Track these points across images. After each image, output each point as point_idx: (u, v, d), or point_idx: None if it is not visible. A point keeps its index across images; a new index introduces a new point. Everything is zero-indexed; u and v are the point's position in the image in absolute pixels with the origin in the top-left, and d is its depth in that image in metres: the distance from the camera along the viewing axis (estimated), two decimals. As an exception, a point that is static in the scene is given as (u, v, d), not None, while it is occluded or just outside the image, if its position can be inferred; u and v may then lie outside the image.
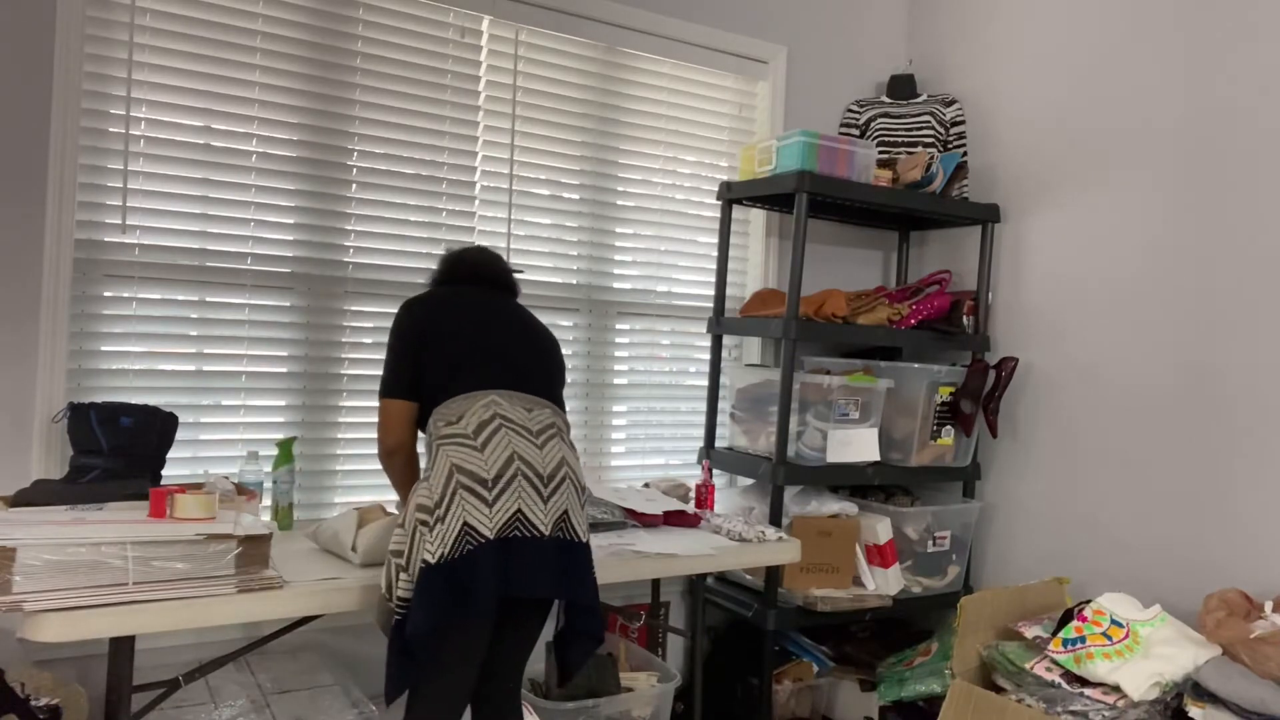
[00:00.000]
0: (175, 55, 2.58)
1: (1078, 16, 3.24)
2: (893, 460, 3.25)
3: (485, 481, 1.94)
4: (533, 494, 1.97)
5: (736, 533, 2.66)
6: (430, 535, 1.90)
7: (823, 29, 3.65)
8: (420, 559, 1.89)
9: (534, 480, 1.99)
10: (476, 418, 2.01)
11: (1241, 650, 2.32)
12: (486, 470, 1.95)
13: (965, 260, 3.59)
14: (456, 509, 1.91)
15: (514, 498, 1.95)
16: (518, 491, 1.96)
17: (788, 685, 3.18)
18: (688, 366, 3.48)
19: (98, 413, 2.28)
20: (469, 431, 1.99)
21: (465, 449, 1.97)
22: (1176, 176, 2.93)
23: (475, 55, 3.01)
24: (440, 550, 1.88)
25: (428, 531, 1.90)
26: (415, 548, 1.91)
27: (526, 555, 1.94)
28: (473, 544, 1.89)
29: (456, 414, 2.02)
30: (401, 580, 1.91)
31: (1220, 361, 2.80)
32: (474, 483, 1.93)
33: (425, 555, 1.88)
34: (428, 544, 1.89)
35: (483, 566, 1.88)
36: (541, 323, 2.30)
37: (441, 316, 2.16)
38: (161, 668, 2.15)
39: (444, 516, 1.91)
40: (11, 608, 1.70)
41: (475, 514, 1.91)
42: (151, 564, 1.84)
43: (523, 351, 2.18)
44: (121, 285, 2.55)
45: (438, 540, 1.89)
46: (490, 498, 1.93)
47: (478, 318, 2.18)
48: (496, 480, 1.95)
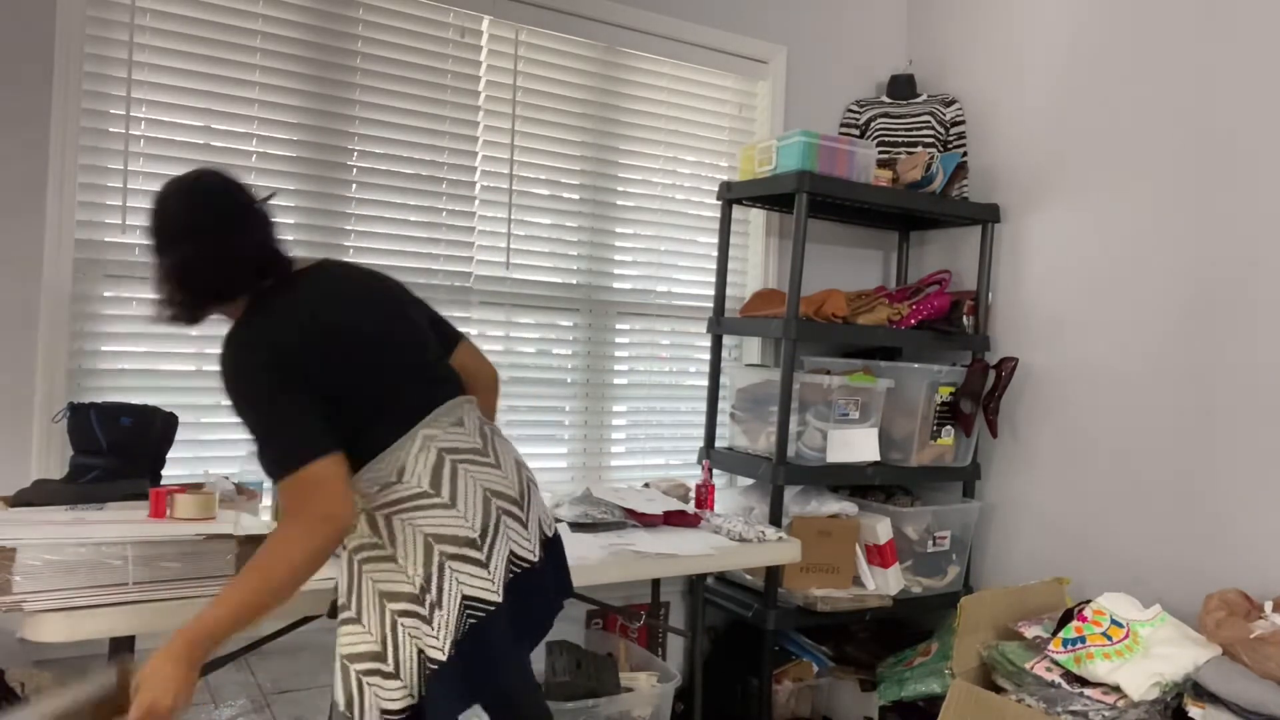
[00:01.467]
0: (175, 55, 2.58)
1: (1078, 16, 3.24)
2: (893, 460, 3.25)
3: (473, 542, 1.65)
4: (517, 526, 1.75)
5: (736, 533, 2.66)
6: (430, 627, 1.61)
7: (823, 29, 3.65)
8: (429, 660, 1.60)
9: (513, 511, 1.75)
10: (423, 464, 1.66)
11: (1241, 650, 2.32)
12: (471, 528, 1.66)
13: (965, 260, 3.59)
14: (451, 585, 1.62)
15: (505, 543, 1.71)
16: (505, 535, 1.71)
17: (788, 685, 3.18)
18: (688, 366, 3.48)
19: (98, 413, 2.28)
20: (425, 487, 1.65)
21: (434, 511, 1.64)
22: (1176, 176, 2.93)
23: (475, 55, 3.01)
24: (449, 639, 1.61)
25: (423, 624, 1.61)
26: (402, 647, 1.61)
27: (532, 592, 1.75)
28: (478, 615, 1.65)
29: (393, 470, 1.66)
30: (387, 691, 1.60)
31: (1220, 361, 2.80)
32: (461, 547, 1.64)
33: (433, 654, 1.60)
34: (430, 639, 1.61)
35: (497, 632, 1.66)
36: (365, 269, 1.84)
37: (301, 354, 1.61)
38: (161, 668, 2.14)
39: (439, 600, 1.61)
40: (11, 608, 1.70)
41: (473, 582, 1.64)
42: (151, 564, 1.84)
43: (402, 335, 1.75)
44: (121, 285, 2.55)
45: (441, 629, 1.61)
46: (484, 557, 1.66)
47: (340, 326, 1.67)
48: (484, 534, 1.67)
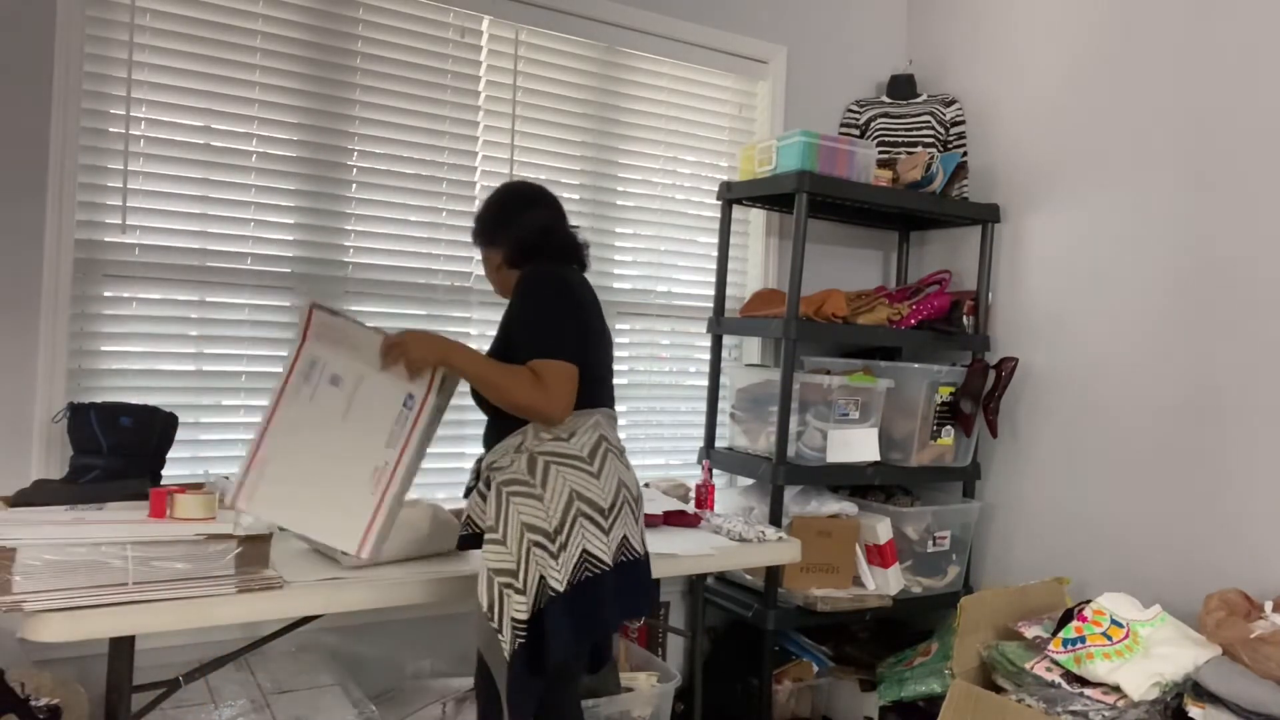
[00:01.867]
0: (175, 55, 2.58)
1: (1077, 16, 3.24)
2: (893, 460, 3.25)
3: (603, 510, 1.95)
4: (633, 518, 2.03)
5: (736, 533, 2.66)
6: (555, 562, 1.88)
7: (823, 29, 3.65)
8: (548, 585, 1.87)
9: (633, 504, 2.04)
10: (588, 438, 1.99)
11: (1241, 650, 2.32)
12: (604, 498, 1.96)
13: (965, 260, 3.59)
14: (577, 536, 1.91)
15: (622, 524, 1.99)
16: (624, 518, 2.00)
17: (788, 685, 3.18)
18: (688, 366, 3.48)
19: (98, 413, 2.29)
20: (584, 454, 1.97)
21: (583, 473, 1.95)
22: (1176, 176, 2.93)
23: (475, 55, 3.00)
24: (566, 577, 1.89)
25: (550, 558, 1.88)
26: (530, 569, 1.88)
27: (634, 579, 2.01)
28: (593, 571, 1.92)
29: (566, 430, 1.98)
30: (517, 602, 1.86)
31: (1220, 361, 2.80)
32: (593, 511, 1.94)
33: (553, 583, 1.87)
34: (553, 570, 1.88)
35: (605, 593, 1.93)
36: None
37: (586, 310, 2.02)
38: (161, 668, 2.14)
39: (566, 544, 1.90)
40: (11, 608, 1.70)
41: (594, 541, 1.93)
42: (151, 564, 1.84)
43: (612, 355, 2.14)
44: (121, 285, 2.55)
45: (563, 568, 1.89)
46: (606, 525, 1.95)
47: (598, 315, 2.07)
48: (611, 509, 1.97)
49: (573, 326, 1.96)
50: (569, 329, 1.95)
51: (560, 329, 1.94)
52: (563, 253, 2.11)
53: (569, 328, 1.95)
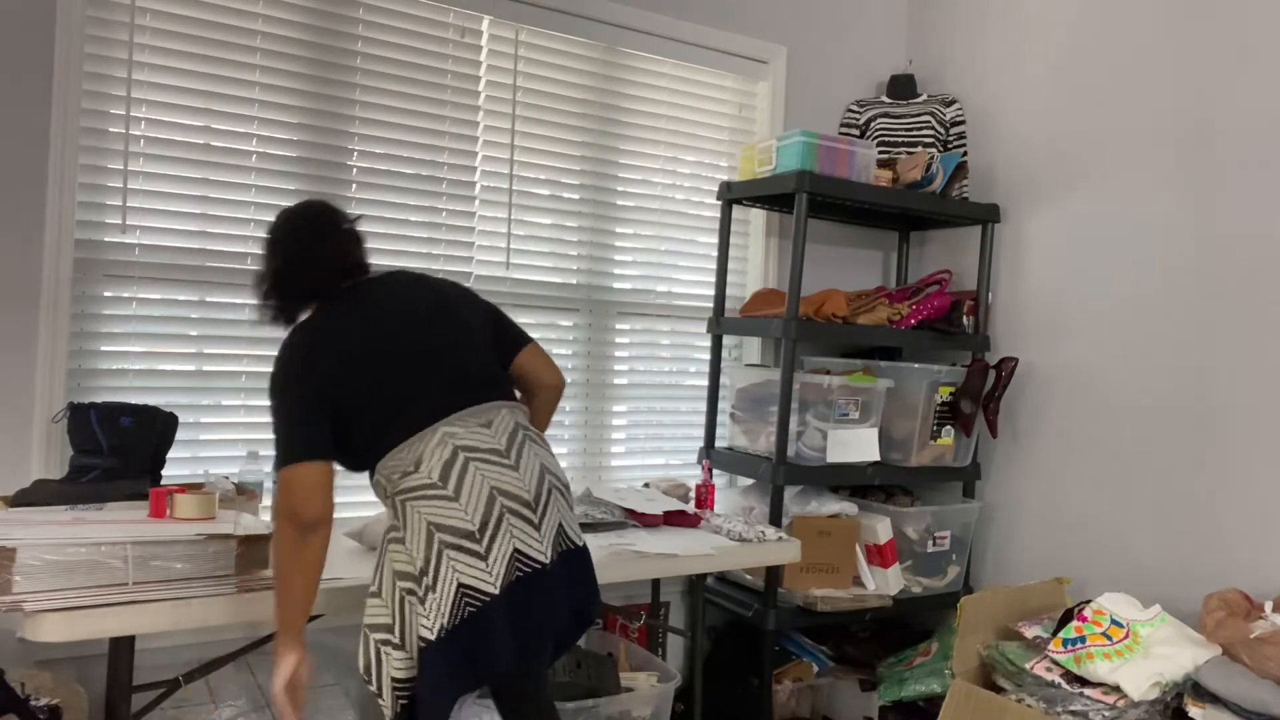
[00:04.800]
0: (175, 55, 2.58)
1: (1077, 16, 3.24)
2: (893, 460, 3.25)
3: (470, 534, 1.74)
4: (524, 526, 1.80)
5: (736, 533, 2.66)
6: (423, 607, 1.71)
7: (823, 29, 3.65)
8: (417, 636, 1.71)
9: (521, 511, 1.80)
10: (436, 459, 1.78)
11: (1241, 650, 2.32)
12: (468, 520, 1.75)
13: (965, 260, 3.59)
14: (446, 572, 1.71)
15: (507, 539, 1.77)
16: (509, 531, 1.77)
17: (788, 685, 3.18)
18: (688, 366, 3.48)
19: (98, 413, 2.28)
20: (434, 479, 1.77)
21: (436, 501, 1.75)
22: (1176, 176, 2.93)
23: (475, 55, 3.00)
24: (439, 622, 1.70)
25: (419, 603, 1.71)
26: (406, 621, 1.74)
27: (537, 593, 1.79)
28: (475, 604, 1.72)
29: (411, 460, 1.79)
30: (396, 660, 1.74)
31: (1220, 361, 2.80)
32: (459, 538, 1.73)
33: (423, 633, 1.70)
34: (422, 618, 1.70)
35: (495, 625, 1.72)
36: (434, 279, 2.02)
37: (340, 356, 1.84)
38: (161, 668, 2.14)
39: (434, 584, 1.71)
40: (11, 608, 1.70)
41: (469, 572, 1.72)
42: (151, 564, 1.84)
43: (444, 345, 1.90)
44: (121, 285, 2.55)
45: (433, 611, 1.70)
46: (482, 549, 1.74)
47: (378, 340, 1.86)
48: (484, 528, 1.75)
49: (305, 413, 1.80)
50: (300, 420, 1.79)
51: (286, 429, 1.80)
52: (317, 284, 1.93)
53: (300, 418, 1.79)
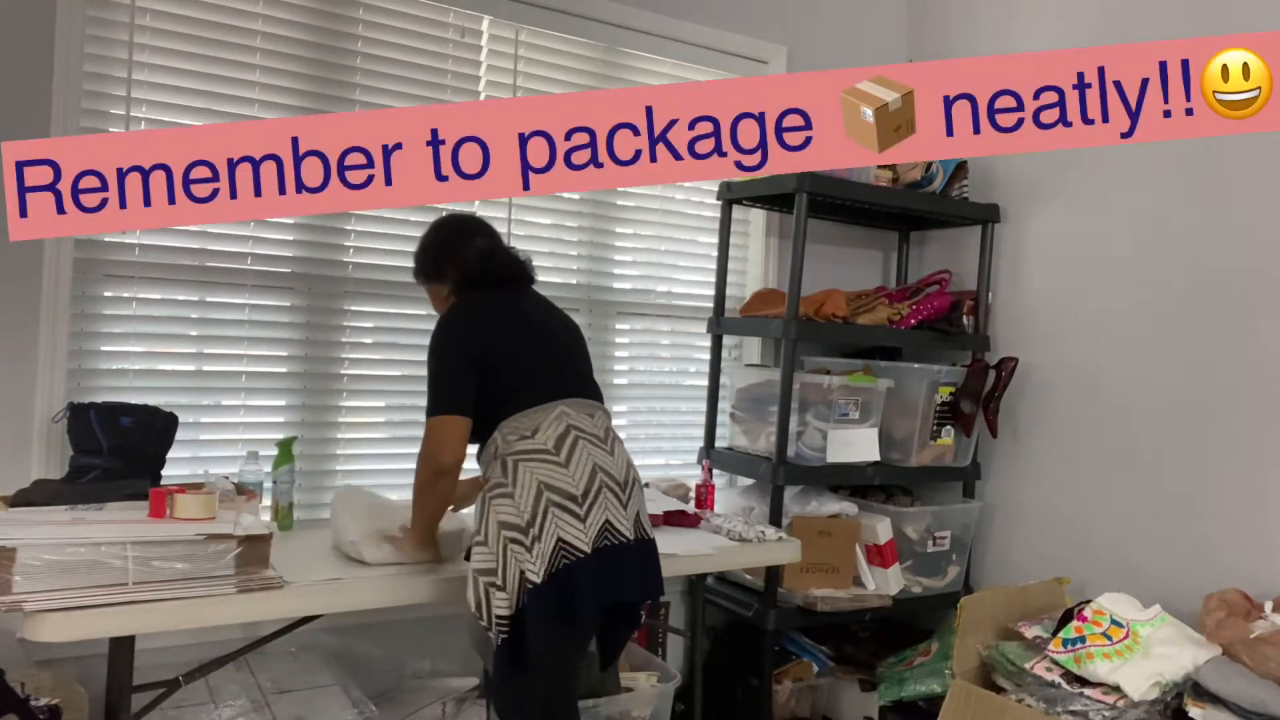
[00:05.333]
0: (175, 55, 2.58)
1: (1076, 16, 3.24)
2: (893, 460, 3.25)
3: (575, 498, 1.98)
4: (616, 503, 2.04)
5: (736, 533, 2.66)
6: (529, 555, 1.93)
7: (823, 29, 3.64)
8: (526, 579, 1.93)
9: (614, 489, 2.05)
10: (553, 431, 2.03)
11: (1241, 650, 2.32)
12: (575, 486, 1.99)
13: (965, 260, 3.59)
14: (550, 526, 1.95)
15: (602, 509, 2.01)
16: (604, 503, 2.02)
17: (788, 685, 3.18)
18: (688, 366, 3.48)
19: (98, 413, 2.28)
20: (549, 446, 2.02)
21: (550, 465, 2.00)
22: (1176, 176, 2.93)
23: (475, 55, 3.00)
24: (543, 567, 1.93)
25: (524, 551, 1.94)
26: (509, 566, 1.94)
27: (619, 562, 2.02)
28: (570, 559, 1.95)
29: (530, 428, 2.04)
30: (499, 599, 1.94)
31: (1220, 361, 2.80)
32: (565, 499, 1.97)
33: (530, 576, 1.92)
34: (529, 563, 1.93)
35: (583, 579, 1.95)
36: (559, 309, 2.30)
37: (494, 328, 2.12)
38: (161, 668, 2.14)
39: (540, 535, 1.94)
40: (11, 608, 1.70)
41: (570, 530, 1.96)
42: (151, 564, 1.84)
43: (570, 349, 2.20)
44: (121, 285, 2.55)
45: (538, 559, 1.93)
46: (582, 513, 1.98)
47: (527, 322, 2.17)
48: (585, 495, 2.00)
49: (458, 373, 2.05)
50: (452, 378, 2.05)
51: (440, 384, 2.06)
52: (505, 274, 2.22)
53: (452, 377, 2.05)
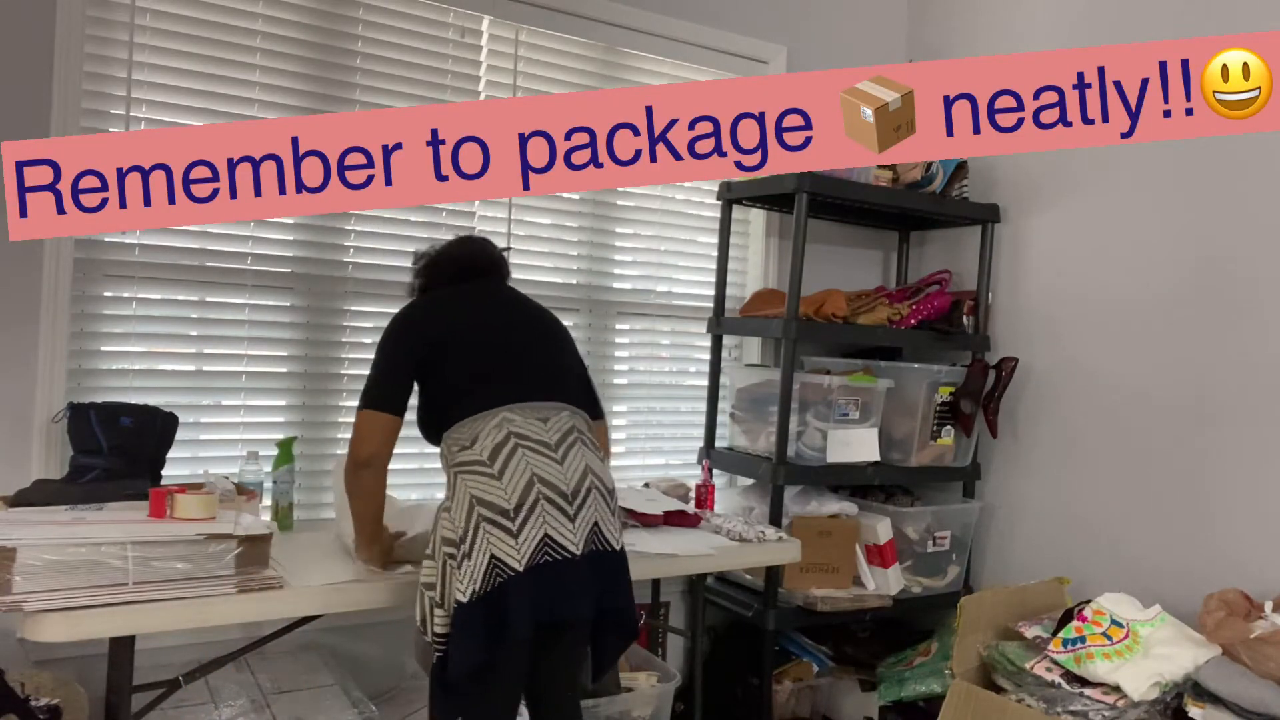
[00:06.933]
0: (175, 55, 2.58)
1: (1076, 16, 3.24)
2: (893, 460, 3.25)
3: (506, 512, 1.88)
4: (558, 515, 1.92)
5: (736, 533, 2.66)
6: (459, 572, 1.86)
7: (822, 29, 3.64)
8: (453, 597, 1.86)
9: (557, 501, 1.92)
10: (490, 440, 1.94)
11: (1241, 650, 2.32)
12: (506, 499, 1.89)
13: (965, 260, 3.59)
14: (481, 542, 1.86)
15: (539, 524, 1.89)
16: (542, 517, 1.90)
17: (788, 685, 3.18)
18: (688, 366, 3.48)
19: (98, 413, 2.28)
20: (484, 457, 1.92)
21: (482, 478, 1.91)
22: (1176, 175, 2.93)
23: (475, 55, 3.00)
24: (471, 587, 1.84)
25: (456, 568, 1.87)
26: (447, 583, 1.89)
27: (560, 579, 1.90)
28: (502, 576, 1.85)
29: (469, 437, 1.96)
30: (438, 616, 1.91)
31: (1220, 361, 2.80)
32: (495, 514, 1.88)
33: (456, 594, 1.85)
34: (458, 581, 1.86)
35: (515, 598, 1.85)
36: (538, 304, 2.23)
37: (440, 326, 2.06)
38: (161, 668, 2.14)
39: (470, 552, 1.86)
40: (11, 608, 1.70)
41: (501, 545, 1.86)
42: (151, 564, 1.84)
43: (528, 346, 2.10)
44: (121, 285, 2.55)
45: (466, 577, 1.85)
46: (514, 528, 1.87)
47: (478, 320, 2.09)
48: (519, 509, 1.89)
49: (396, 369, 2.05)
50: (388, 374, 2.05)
51: (376, 378, 2.05)
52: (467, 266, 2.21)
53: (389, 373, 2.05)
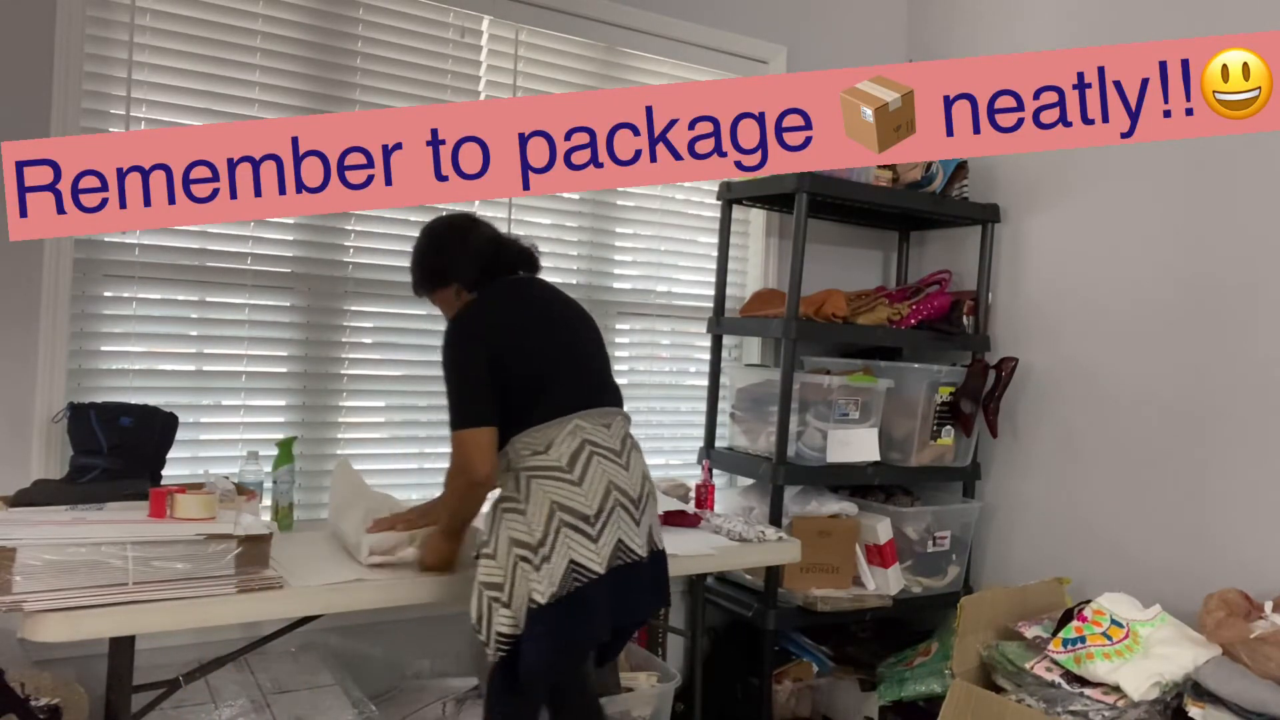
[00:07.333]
0: (175, 55, 2.58)
1: (1077, 16, 3.24)
2: (893, 460, 3.25)
3: (588, 518, 1.94)
4: (629, 521, 2.01)
5: (736, 533, 2.66)
6: (537, 574, 1.89)
7: (823, 29, 3.64)
8: (529, 599, 1.89)
9: (628, 506, 2.01)
10: (566, 447, 1.98)
11: (1241, 650, 2.32)
12: (588, 506, 1.95)
13: (965, 260, 3.59)
14: (561, 547, 1.91)
15: (615, 529, 1.97)
16: (617, 523, 1.98)
17: (788, 685, 3.18)
18: (688, 366, 3.48)
19: (98, 413, 2.28)
20: (562, 464, 1.96)
21: (562, 484, 1.95)
22: (1176, 177, 2.93)
23: (475, 55, 3.00)
24: (550, 589, 1.88)
25: (533, 570, 1.90)
26: (516, 584, 1.92)
27: (632, 582, 1.99)
28: (581, 580, 1.91)
29: (543, 443, 1.98)
30: (502, 616, 1.93)
31: (1220, 361, 2.80)
32: (577, 520, 1.93)
33: (535, 596, 1.88)
34: (535, 583, 1.89)
35: (595, 601, 1.92)
36: (572, 298, 2.23)
37: (501, 335, 2.04)
38: (161, 668, 2.14)
39: (549, 555, 1.90)
40: (11, 608, 1.70)
41: (582, 551, 1.92)
42: (151, 564, 1.84)
43: (584, 347, 2.13)
44: (121, 285, 2.55)
45: (545, 579, 1.89)
46: (594, 533, 1.94)
47: (535, 324, 2.09)
48: (599, 515, 1.95)
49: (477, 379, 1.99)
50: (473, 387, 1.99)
51: (463, 395, 1.99)
52: (518, 259, 2.19)
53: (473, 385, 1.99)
